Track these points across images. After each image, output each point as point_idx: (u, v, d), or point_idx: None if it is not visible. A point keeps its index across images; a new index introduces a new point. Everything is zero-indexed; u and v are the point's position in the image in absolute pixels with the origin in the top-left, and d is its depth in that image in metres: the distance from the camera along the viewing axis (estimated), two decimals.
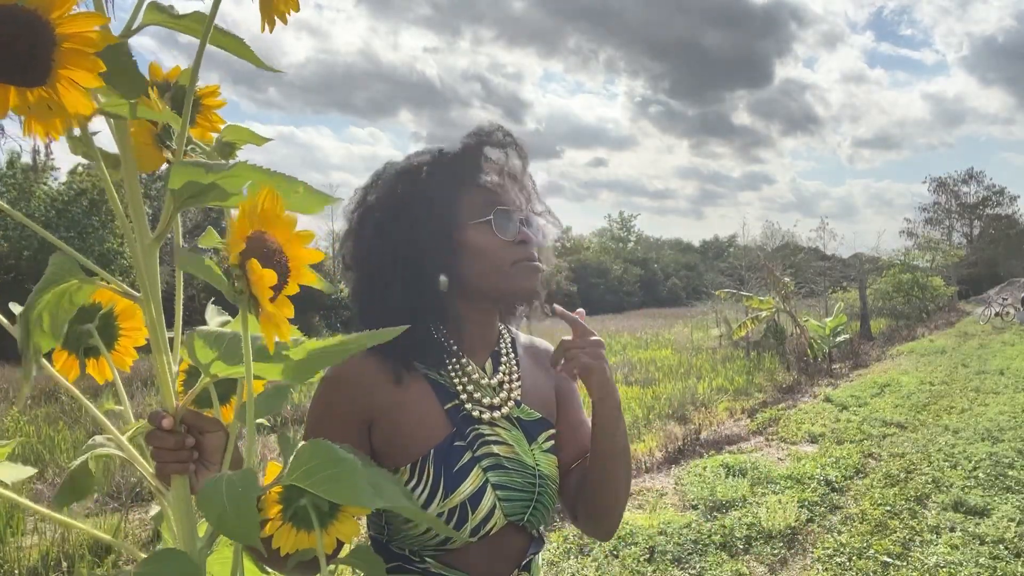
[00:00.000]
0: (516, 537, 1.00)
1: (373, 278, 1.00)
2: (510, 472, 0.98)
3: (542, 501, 1.01)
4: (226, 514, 0.56)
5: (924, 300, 22.99)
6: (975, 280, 38.77)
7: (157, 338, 0.64)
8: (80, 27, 0.49)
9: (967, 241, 53.59)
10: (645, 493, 5.09)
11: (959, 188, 55.75)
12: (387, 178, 1.03)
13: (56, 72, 0.50)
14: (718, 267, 23.19)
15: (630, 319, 25.36)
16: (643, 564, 3.76)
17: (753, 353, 12.05)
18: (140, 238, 0.63)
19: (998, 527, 4.10)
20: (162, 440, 0.67)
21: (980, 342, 15.00)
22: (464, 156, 1.01)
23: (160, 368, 0.65)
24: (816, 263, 20.76)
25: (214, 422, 0.71)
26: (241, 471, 0.60)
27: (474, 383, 1.01)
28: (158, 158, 0.68)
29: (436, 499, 0.92)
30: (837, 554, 3.88)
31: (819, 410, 7.76)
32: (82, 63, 0.50)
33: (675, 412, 7.88)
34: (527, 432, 1.03)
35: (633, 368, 11.12)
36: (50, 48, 0.49)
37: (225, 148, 0.73)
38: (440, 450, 0.95)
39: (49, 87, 0.50)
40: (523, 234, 1.00)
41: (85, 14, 0.50)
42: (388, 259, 0.98)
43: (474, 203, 0.99)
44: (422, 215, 0.98)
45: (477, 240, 0.98)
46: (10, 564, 3.80)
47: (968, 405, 7.82)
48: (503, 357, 1.07)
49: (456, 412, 0.98)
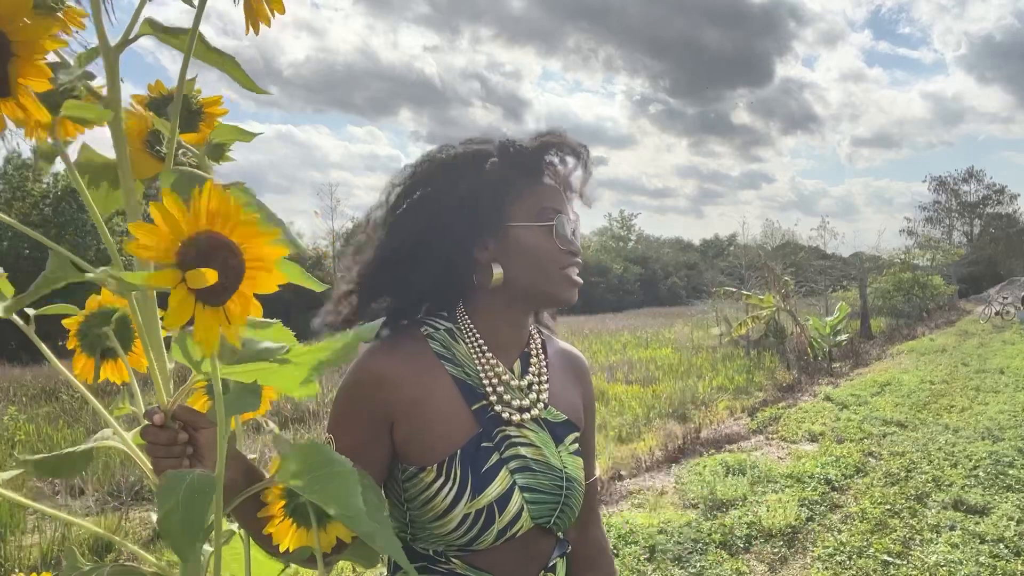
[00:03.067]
0: (542, 539, 1.00)
1: (411, 255, 0.97)
2: (537, 474, 0.97)
3: (569, 504, 1.00)
4: (175, 513, 0.54)
5: (924, 299, 22.99)
6: (975, 279, 38.76)
7: (148, 336, 0.65)
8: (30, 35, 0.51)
9: (967, 240, 53.57)
10: (645, 492, 5.09)
11: (959, 187, 55.76)
12: (446, 160, 1.00)
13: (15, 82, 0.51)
14: (718, 266, 23.18)
15: (630, 318, 25.35)
16: (643, 563, 3.76)
17: (753, 352, 12.05)
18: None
19: (998, 526, 4.10)
20: (155, 436, 0.68)
21: (980, 341, 15.00)
22: (534, 153, 1.00)
23: (154, 365, 0.66)
24: (816, 262, 20.73)
25: (207, 418, 0.72)
26: (207, 474, 0.59)
27: (504, 384, 0.99)
28: (152, 164, 0.69)
29: (464, 500, 0.91)
30: (837, 553, 3.88)
31: (819, 409, 7.76)
32: (36, 71, 0.51)
33: (675, 411, 7.89)
34: (554, 434, 1.01)
35: (633, 367, 11.12)
36: (7, 58, 0.50)
37: (215, 149, 0.74)
38: (467, 451, 0.93)
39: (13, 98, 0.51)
40: (575, 245, 1.00)
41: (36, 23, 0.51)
42: (434, 239, 0.96)
43: (535, 203, 0.98)
44: (483, 204, 0.96)
45: (532, 240, 0.97)
46: (10, 563, 3.80)
47: (968, 404, 7.82)
48: (532, 358, 1.05)
49: (483, 412, 0.96)
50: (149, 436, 0.69)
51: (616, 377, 10.32)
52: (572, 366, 1.13)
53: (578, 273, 1.02)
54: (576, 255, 1.01)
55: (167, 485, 0.57)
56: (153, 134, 0.69)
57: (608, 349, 14.06)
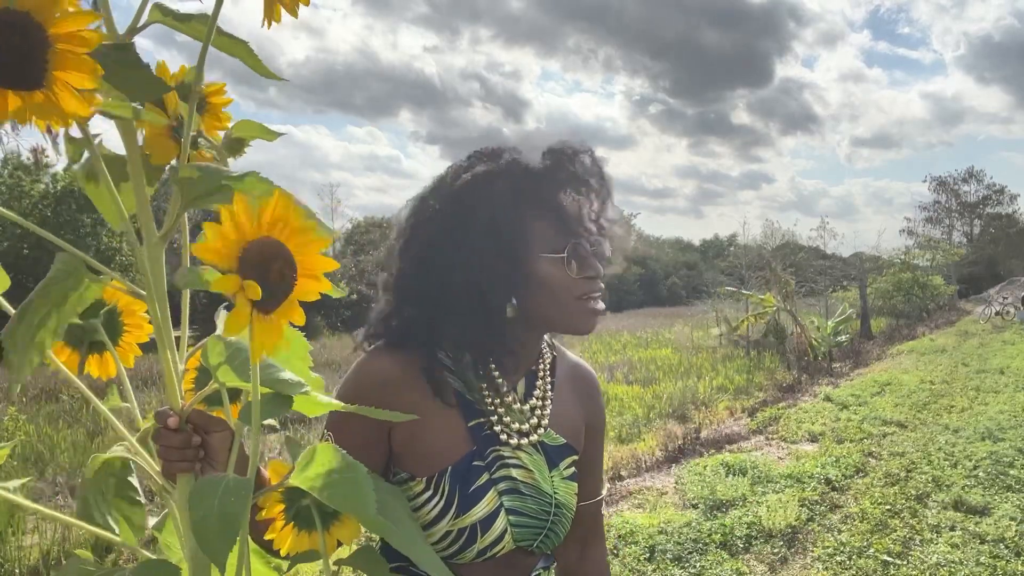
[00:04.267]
0: (524, 558, 0.99)
1: (429, 289, 0.93)
2: (526, 498, 0.95)
3: (555, 530, 0.98)
4: (210, 519, 0.55)
5: (924, 299, 22.98)
6: (975, 279, 38.74)
7: (163, 337, 0.64)
8: (72, 27, 0.48)
9: (967, 240, 53.53)
10: (645, 492, 5.09)
11: (959, 187, 55.75)
12: (454, 187, 0.94)
13: (51, 75, 0.49)
14: (718, 266, 23.18)
15: (630, 318, 25.34)
16: (643, 563, 3.76)
17: (753, 352, 12.05)
18: (146, 237, 0.62)
19: (998, 526, 4.09)
20: (168, 439, 0.68)
21: (980, 341, 15.00)
22: (543, 176, 0.93)
23: (166, 367, 0.65)
24: (816, 262, 20.76)
25: (220, 422, 0.71)
26: (241, 479, 0.59)
27: (506, 406, 0.97)
28: (172, 149, 0.67)
29: (448, 516, 0.90)
30: (837, 553, 3.87)
31: (819, 409, 7.75)
32: (77, 64, 0.49)
33: (675, 411, 7.89)
34: (549, 457, 0.99)
35: (633, 367, 11.12)
36: (44, 50, 0.48)
37: (234, 144, 0.72)
38: (458, 468, 0.92)
39: (46, 90, 0.49)
40: (594, 268, 0.94)
41: (77, 13, 0.48)
42: (448, 273, 0.92)
43: (548, 230, 0.92)
44: (492, 234, 0.90)
45: (546, 272, 0.92)
46: (11, 563, 3.80)
47: (968, 404, 7.81)
48: (539, 380, 1.02)
49: (479, 430, 0.95)
50: (163, 439, 0.68)
51: (616, 377, 10.32)
52: (581, 384, 1.10)
53: (600, 297, 0.96)
54: (596, 278, 0.95)
55: (200, 491, 0.57)
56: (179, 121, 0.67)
57: (608, 349, 14.05)
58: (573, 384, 1.09)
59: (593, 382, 1.13)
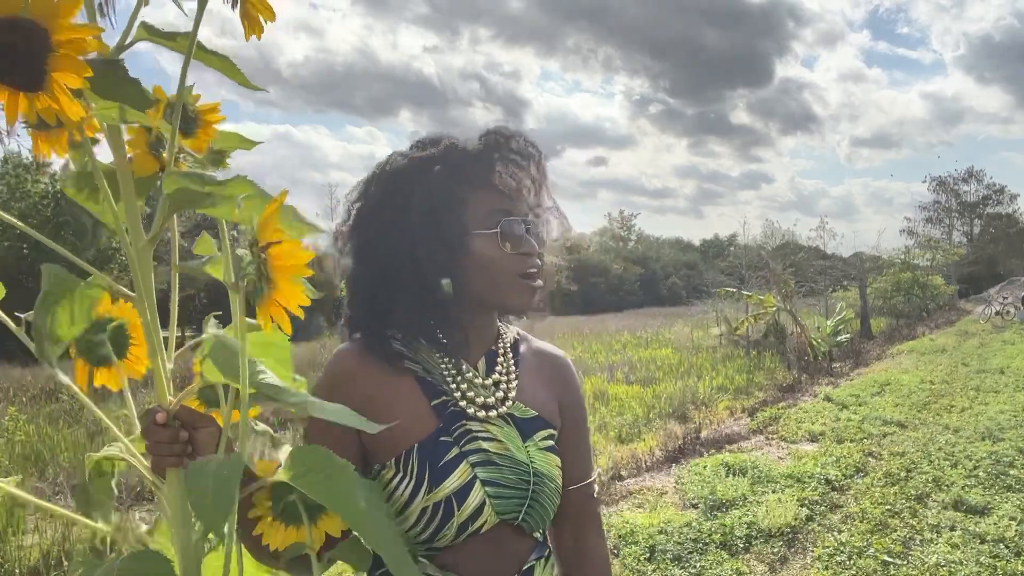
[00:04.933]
0: (515, 540, 0.98)
1: (373, 275, 0.98)
2: (501, 468, 0.94)
3: (538, 500, 0.97)
4: (206, 494, 0.59)
5: (924, 299, 22.99)
6: (975, 279, 38.73)
7: (151, 336, 0.67)
8: (75, 34, 0.52)
9: (967, 240, 53.54)
10: (645, 492, 5.10)
11: (959, 187, 55.75)
12: (393, 171, 0.99)
13: (50, 77, 0.52)
14: (719, 266, 23.18)
15: (630, 318, 25.34)
16: (643, 563, 3.76)
17: (753, 352, 12.05)
18: (135, 240, 0.66)
19: (998, 526, 4.10)
20: (157, 434, 0.70)
21: (980, 341, 15.00)
22: (478, 157, 0.97)
23: (155, 367, 0.69)
24: (816, 262, 20.74)
25: (207, 418, 0.74)
26: (230, 458, 0.63)
27: (467, 381, 0.98)
28: (152, 163, 0.72)
29: (421, 494, 0.90)
30: (837, 553, 3.88)
31: (819, 409, 7.75)
32: (71, 66, 0.53)
33: (675, 411, 7.89)
34: (521, 429, 0.99)
35: (633, 367, 11.12)
36: (46, 54, 0.52)
37: (216, 156, 0.77)
38: (425, 445, 0.93)
39: (47, 92, 0.53)
40: (528, 245, 0.97)
41: (80, 24, 0.52)
42: (389, 258, 0.96)
43: (482, 208, 0.96)
44: (428, 216, 0.94)
45: (481, 250, 0.95)
46: (11, 563, 3.80)
47: (968, 404, 7.82)
48: (499, 357, 1.03)
49: (444, 408, 0.96)
50: (151, 434, 0.70)
51: (616, 377, 10.32)
52: (549, 366, 1.10)
53: (537, 275, 0.98)
54: (531, 255, 0.97)
55: (194, 472, 0.61)
56: (158, 138, 0.72)
57: (608, 349, 14.05)
58: (541, 364, 1.09)
59: (564, 364, 1.12)
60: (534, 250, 0.98)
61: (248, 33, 0.64)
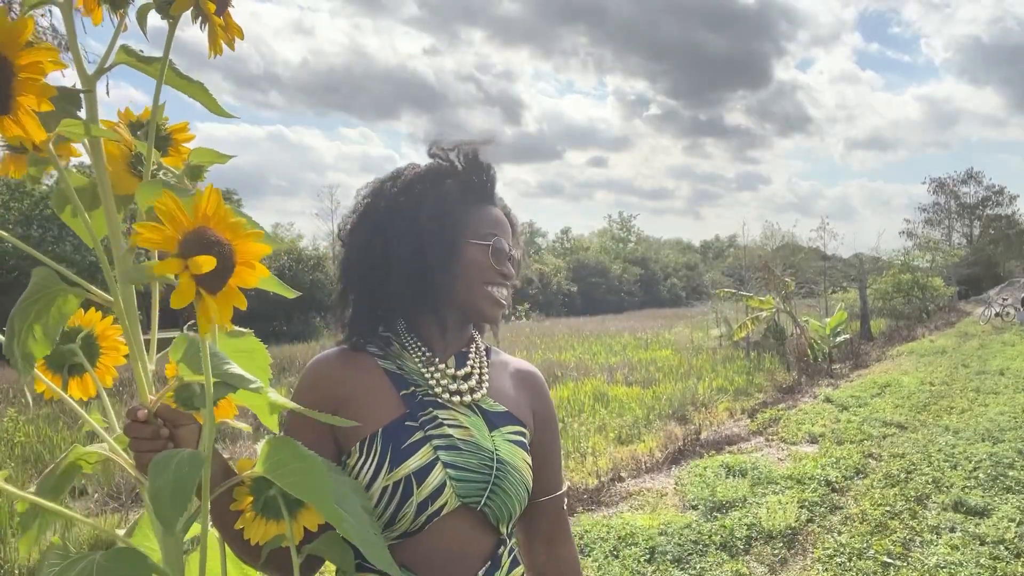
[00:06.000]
0: (479, 536, 0.99)
1: (377, 265, 1.04)
2: (464, 453, 0.97)
3: (501, 486, 0.98)
4: (164, 487, 0.60)
5: (924, 300, 22.98)
6: (975, 280, 38.70)
7: (131, 340, 0.72)
8: (35, 58, 0.55)
9: (967, 241, 53.52)
10: (645, 493, 5.09)
11: (958, 188, 55.73)
12: (409, 178, 1.08)
13: (15, 101, 0.55)
14: (718, 267, 23.17)
15: (630, 319, 25.36)
16: (643, 564, 3.76)
17: (753, 353, 12.05)
18: (115, 249, 0.70)
19: (998, 527, 4.09)
20: (139, 431, 0.75)
21: (980, 342, 15.00)
22: (480, 175, 1.08)
23: (136, 369, 0.73)
24: (816, 263, 20.70)
25: (186, 415, 0.77)
26: (195, 452, 0.65)
27: (439, 371, 1.03)
28: (132, 181, 0.77)
29: (381, 474, 0.93)
30: (837, 554, 3.87)
31: (819, 410, 7.75)
32: (35, 89, 0.56)
33: (675, 412, 7.88)
34: (489, 420, 1.03)
35: (633, 368, 11.12)
36: (10, 79, 0.55)
37: (193, 171, 0.83)
38: (389, 428, 0.96)
39: (12, 116, 0.55)
40: (508, 267, 1.08)
41: (40, 47, 0.56)
42: (397, 251, 1.03)
43: (481, 222, 1.06)
44: (435, 220, 1.03)
45: (471, 255, 1.04)
46: (10, 564, 3.80)
47: (968, 405, 7.82)
48: (471, 355, 1.08)
49: (412, 398, 1.00)
50: (133, 431, 0.75)
51: (616, 378, 10.32)
52: (522, 376, 1.15)
53: (506, 294, 1.08)
54: (508, 277, 1.07)
55: (159, 462, 0.63)
56: (136, 156, 0.77)
57: (608, 350, 14.05)
58: (513, 374, 1.14)
59: (537, 377, 1.18)
60: (511, 273, 1.09)
61: (211, 53, 0.68)
